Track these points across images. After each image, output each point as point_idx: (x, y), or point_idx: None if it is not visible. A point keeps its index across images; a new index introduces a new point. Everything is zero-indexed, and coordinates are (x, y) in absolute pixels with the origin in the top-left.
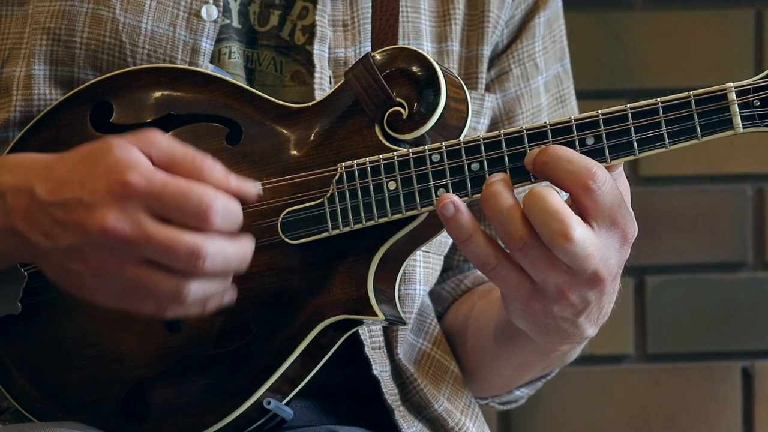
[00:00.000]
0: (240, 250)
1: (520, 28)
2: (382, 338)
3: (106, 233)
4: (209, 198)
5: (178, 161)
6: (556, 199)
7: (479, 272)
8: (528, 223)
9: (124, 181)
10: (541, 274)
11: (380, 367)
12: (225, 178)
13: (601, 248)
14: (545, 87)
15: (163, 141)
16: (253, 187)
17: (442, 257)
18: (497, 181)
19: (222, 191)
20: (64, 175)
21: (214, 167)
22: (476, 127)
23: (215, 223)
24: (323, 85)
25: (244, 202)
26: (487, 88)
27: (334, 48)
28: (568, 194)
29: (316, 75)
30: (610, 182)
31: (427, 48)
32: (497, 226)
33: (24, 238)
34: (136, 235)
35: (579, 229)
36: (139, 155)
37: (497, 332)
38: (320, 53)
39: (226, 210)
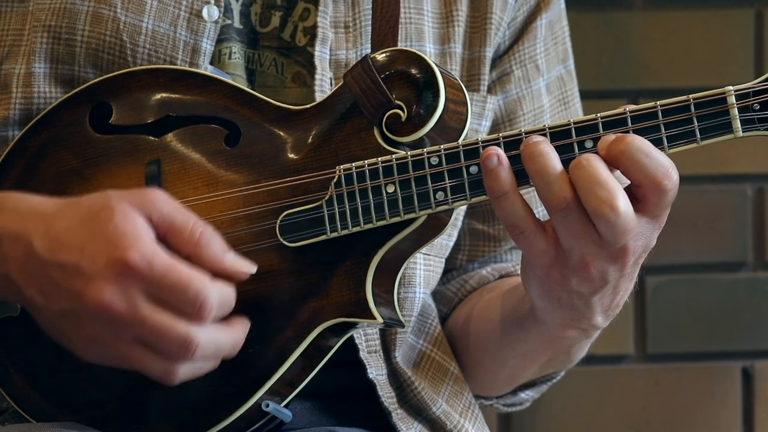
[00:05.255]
0: (232, 338)
1: (522, 30)
2: (378, 342)
3: (101, 308)
4: (206, 292)
5: (177, 229)
6: (604, 168)
7: (484, 272)
8: (572, 186)
9: (124, 259)
10: (572, 239)
11: (376, 371)
12: (221, 254)
13: (637, 227)
14: (547, 89)
15: (165, 206)
16: (248, 267)
17: (443, 260)
18: (543, 141)
19: (217, 268)
20: (63, 234)
21: (212, 240)
22: (478, 129)
23: (210, 317)
24: (324, 86)
25: (237, 278)
26: (489, 90)
27: (336, 50)
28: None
29: (317, 77)
30: (678, 183)
31: (429, 49)
32: (541, 185)
33: (19, 289)
34: (131, 316)
35: (624, 201)
36: (141, 226)
37: (505, 319)
38: (321, 55)
39: (222, 302)
